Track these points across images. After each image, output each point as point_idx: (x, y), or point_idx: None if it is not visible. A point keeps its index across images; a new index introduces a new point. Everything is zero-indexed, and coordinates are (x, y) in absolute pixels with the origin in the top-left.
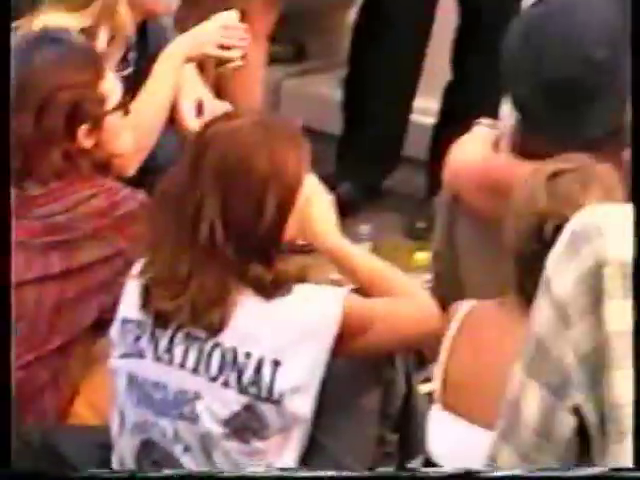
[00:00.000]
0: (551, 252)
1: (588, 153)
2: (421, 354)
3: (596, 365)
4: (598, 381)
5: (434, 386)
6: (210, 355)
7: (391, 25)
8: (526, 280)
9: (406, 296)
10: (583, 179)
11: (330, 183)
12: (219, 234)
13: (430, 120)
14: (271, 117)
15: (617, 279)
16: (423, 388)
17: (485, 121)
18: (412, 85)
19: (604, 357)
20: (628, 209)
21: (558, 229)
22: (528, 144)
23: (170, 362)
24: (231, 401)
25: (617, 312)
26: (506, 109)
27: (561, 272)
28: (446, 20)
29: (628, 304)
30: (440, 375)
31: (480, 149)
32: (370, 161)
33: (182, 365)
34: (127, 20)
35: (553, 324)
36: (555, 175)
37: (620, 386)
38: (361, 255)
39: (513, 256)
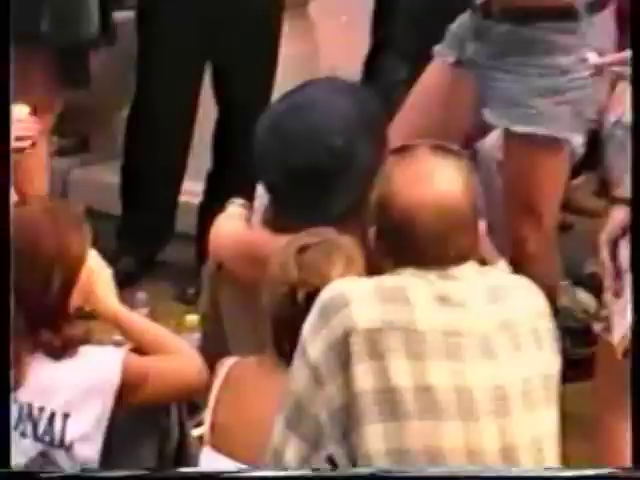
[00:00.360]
0: (306, 320)
1: (332, 227)
2: (193, 402)
3: (346, 420)
4: (349, 433)
5: (204, 430)
6: None
7: (158, 119)
8: (282, 340)
9: (178, 354)
10: (328, 251)
11: (111, 257)
12: (11, 307)
13: (197, 200)
14: (57, 203)
15: (363, 344)
16: (195, 432)
17: (237, 200)
18: (179, 170)
19: (354, 413)
20: (371, 281)
21: (309, 296)
22: (279, 220)
23: None
24: (28, 448)
25: (364, 373)
26: (260, 190)
27: (314, 339)
28: (207, 112)
29: (374, 365)
30: (209, 420)
31: (236, 224)
32: (146, 237)
33: None
34: None
35: (308, 384)
36: (303, 248)
37: (371, 439)
38: (139, 319)
39: (270, 319)
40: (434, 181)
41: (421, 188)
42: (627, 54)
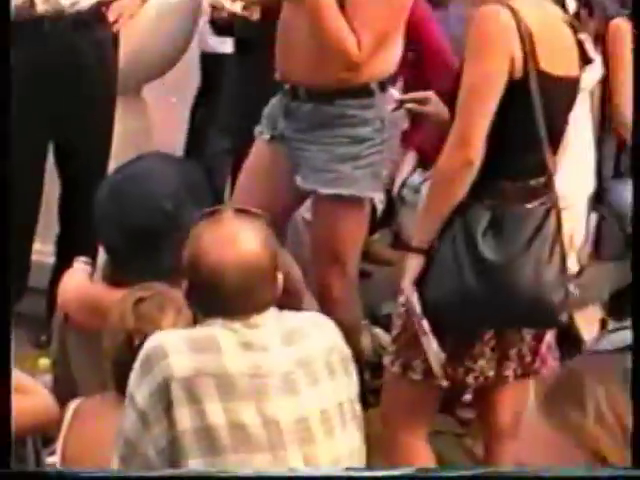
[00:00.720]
0: (133, 369)
1: (163, 281)
2: (47, 434)
3: (171, 456)
4: (175, 468)
5: (57, 458)
6: None
7: (9, 188)
8: (122, 380)
9: (32, 394)
10: (161, 303)
11: None
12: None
13: (46, 259)
14: None
15: (181, 390)
16: (49, 460)
17: (82, 258)
18: (30, 235)
19: (178, 450)
20: (185, 332)
21: (144, 343)
22: (116, 275)
23: None
24: None
25: (184, 416)
26: (102, 250)
27: (140, 386)
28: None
29: (192, 408)
30: (60, 450)
31: (80, 280)
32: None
33: None
34: None
35: (137, 426)
36: (140, 300)
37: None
38: None
39: (111, 362)
40: (237, 242)
41: (226, 249)
42: (424, 94)
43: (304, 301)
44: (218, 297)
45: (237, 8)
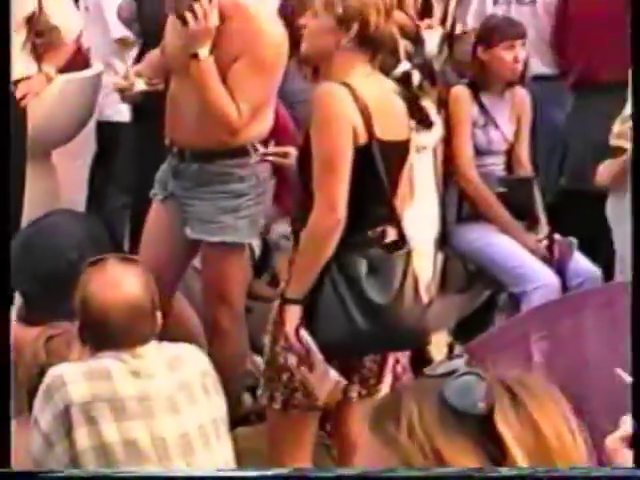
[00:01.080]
0: (36, 396)
1: (69, 321)
2: None
3: None
4: None
5: None
6: None
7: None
8: None
9: None
10: (68, 340)
11: None
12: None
13: None
14: None
15: (80, 414)
16: None
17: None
18: None
19: (79, 466)
20: (82, 364)
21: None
22: (30, 316)
23: None
24: None
25: (83, 436)
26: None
27: (43, 412)
28: None
29: (90, 429)
30: None
31: None
32: None
33: None
34: None
35: (42, 447)
36: (50, 338)
37: None
38: None
39: (25, 391)
40: (120, 285)
41: (110, 291)
42: (284, 149)
43: (200, 343)
44: (105, 333)
45: (142, 85)
